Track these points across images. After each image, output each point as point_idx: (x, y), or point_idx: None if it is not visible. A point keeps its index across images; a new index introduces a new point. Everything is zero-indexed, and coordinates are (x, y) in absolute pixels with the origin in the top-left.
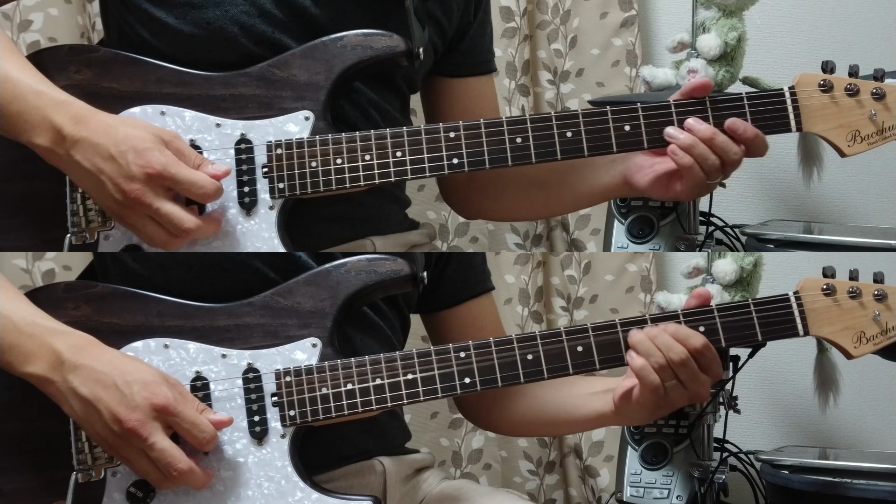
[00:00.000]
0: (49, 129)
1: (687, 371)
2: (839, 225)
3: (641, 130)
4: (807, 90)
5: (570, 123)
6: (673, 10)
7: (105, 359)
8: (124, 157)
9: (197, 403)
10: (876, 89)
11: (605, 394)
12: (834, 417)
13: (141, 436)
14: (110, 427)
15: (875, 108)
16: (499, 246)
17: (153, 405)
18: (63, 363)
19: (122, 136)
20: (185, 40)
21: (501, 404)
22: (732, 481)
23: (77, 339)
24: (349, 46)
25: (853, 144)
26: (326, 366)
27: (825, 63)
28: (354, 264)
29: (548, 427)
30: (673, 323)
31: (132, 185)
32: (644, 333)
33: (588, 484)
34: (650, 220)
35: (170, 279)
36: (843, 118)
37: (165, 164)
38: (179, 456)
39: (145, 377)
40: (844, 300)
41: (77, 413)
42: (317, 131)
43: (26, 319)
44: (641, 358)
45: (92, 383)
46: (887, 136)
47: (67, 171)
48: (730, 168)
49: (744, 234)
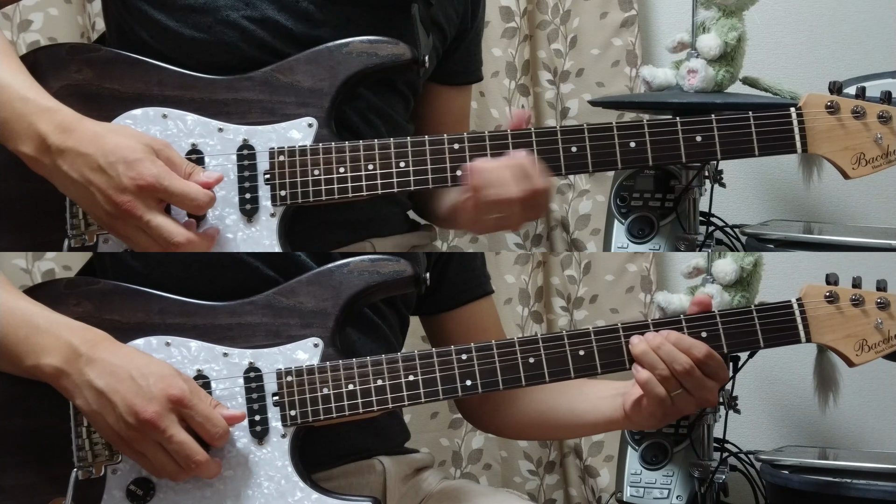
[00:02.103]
0: (34, 138)
1: (692, 380)
2: (839, 225)
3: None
4: (813, 111)
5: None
6: (673, 10)
7: (121, 353)
8: (114, 169)
9: (210, 399)
10: (882, 112)
11: (615, 398)
12: (834, 417)
13: (159, 427)
14: (125, 419)
15: (881, 132)
16: (499, 246)
17: (169, 397)
18: (80, 356)
19: (112, 147)
20: (186, 43)
21: (506, 407)
22: (732, 481)
23: (92, 333)
24: (354, 53)
25: (857, 167)
26: (328, 366)
27: (832, 84)
28: (357, 264)
29: (554, 430)
30: (674, 331)
31: (123, 196)
32: (647, 343)
33: (588, 484)
34: (650, 220)
35: (168, 277)
36: (848, 141)
37: (157, 176)
38: (197, 448)
39: (161, 370)
40: (847, 308)
41: (91, 406)
42: (320, 138)
43: (40, 314)
44: (646, 371)
45: (108, 376)
46: (892, 160)
47: (54, 180)
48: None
49: (744, 234)
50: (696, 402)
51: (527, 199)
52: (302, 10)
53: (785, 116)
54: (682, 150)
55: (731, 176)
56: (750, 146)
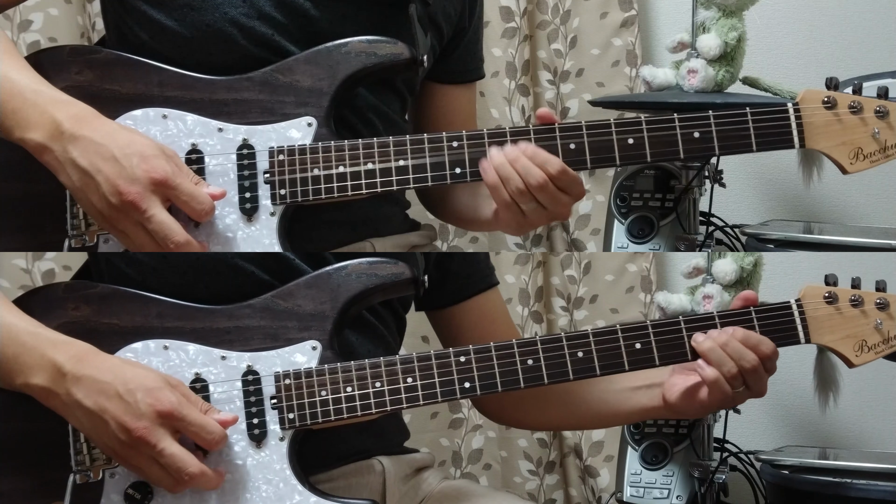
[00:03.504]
0: (47, 125)
1: (755, 375)
2: (839, 225)
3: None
4: (811, 107)
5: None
6: (673, 10)
7: (105, 367)
8: (129, 160)
9: (201, 403)
10: (879, 107)
11: (650, 389)
12: (834, 417)
13: (150, 443)
14: (118, 437)
15: (878, 126)
16: (499, 246)
17: (158, 412)
18: (65, 375)
19: (127, 140)
20: (185, 42)
21: (532, 402)
22: (732, 481)
23: (76, 349)
24: (353, 53)
25: (855, 162)
26: (326, 369)
27: (829, 80)
28: (355, 267)
29: (586, 422)
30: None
31: (132, 187)
32: (713, 341)
33: (588, 484)
34: (650, 220)
35: (164, 283)
36: (846, 136)
37: (170, 173)
38: (190, 460)
39: (147, 383)
40: (846, 308)
41: (84, 425)
42: (319, 138)
43: (26, 330)
44: (714, 369)
45: (95, 394)
46: (889, 154)
47: (58, 167)
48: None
49: (744, 234)
50: (752, 395)
51: (555, 180)
52: (299, 7)
53: (782, 112)
54: (681, 146)
55: (731, 176)
56: (748, 142)
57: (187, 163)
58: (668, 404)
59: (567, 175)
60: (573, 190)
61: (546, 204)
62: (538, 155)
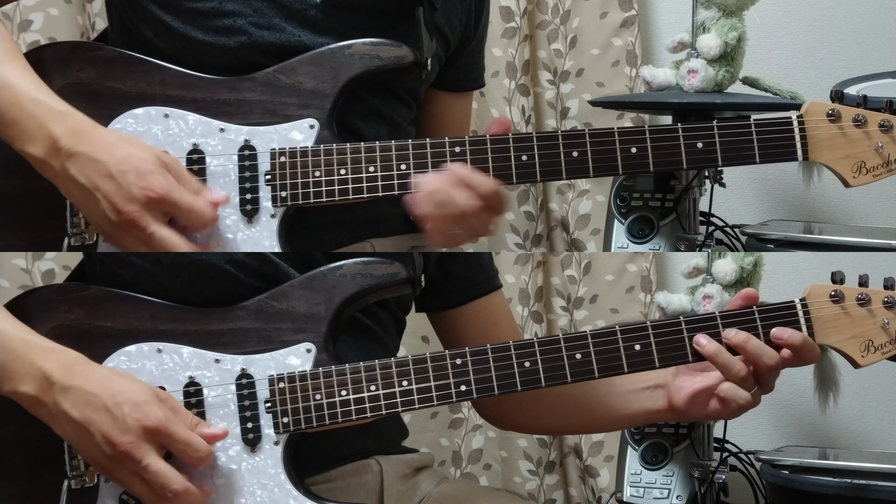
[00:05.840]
0: (45, 140)
1: (774, 373)
2: (839, 225)
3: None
4: (815, 119)
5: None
6: (673, 10)
7: (94, 378)
8: (125, 178)
9: (190, 418)
10: (884, 121)
11: (653, 391)
12: (834, 417)
13: (134, 458)
14: (103, 450)
15: (882, 140)
16: (499, 246)
17: (145, 427)
18: (53, 385)
19: (125, 156)
20: (190, 44)
21: (532, 406)
22: (732, 481)
23: (66, 357)
24: (356, 55)
25: (858, 176)
26: (320, 372)
27: (834, 92)
28: (350, 267)
29: (589, 426)
30: (754, 337)
31: (130, 206)
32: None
33: (588, 484)
34: (650, 220)
35: (157, 287)
36: (849, 149)
37: (168, 189)
38: (174, 477)
39: (136, 397)
40: (853, 307)
41: (69, 435)
42: (321, 140)
43: (18, 337)
44: (743, 365)
45: (83, 406)
46: (892, 168)
47: (59, 183)
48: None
49: (744, 234)
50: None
51: (483, 205)
52: (309, 17)
53: (786, 124)
54: (684, 156)
55: (731, 176)
56: (751, 153)
57: (188, 163)
58: (674, 408)
59: (499, 195)
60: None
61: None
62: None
